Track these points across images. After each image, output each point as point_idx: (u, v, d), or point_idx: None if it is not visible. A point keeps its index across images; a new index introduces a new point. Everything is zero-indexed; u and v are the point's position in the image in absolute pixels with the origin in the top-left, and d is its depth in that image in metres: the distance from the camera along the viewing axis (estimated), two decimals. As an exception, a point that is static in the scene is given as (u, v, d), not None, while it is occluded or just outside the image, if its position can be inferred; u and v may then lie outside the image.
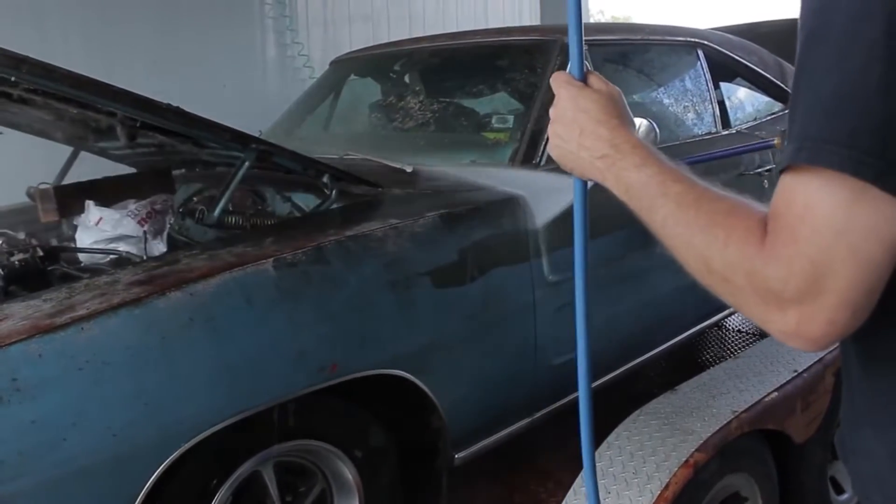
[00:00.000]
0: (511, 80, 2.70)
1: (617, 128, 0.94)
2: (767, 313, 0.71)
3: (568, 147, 0.99)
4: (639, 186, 0.87)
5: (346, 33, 5.39)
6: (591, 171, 0.96)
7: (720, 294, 0.76)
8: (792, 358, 2.62)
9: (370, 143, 2.77)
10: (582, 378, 1.13)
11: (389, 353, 1.85)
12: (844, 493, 2.88)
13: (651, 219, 0.84)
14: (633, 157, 0.90)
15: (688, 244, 0.78)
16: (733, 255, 0.73)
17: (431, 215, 1.97)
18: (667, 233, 0.82)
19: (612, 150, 0.92)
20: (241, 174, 1.92)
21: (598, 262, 2.43)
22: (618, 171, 0.90)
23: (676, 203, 0.81)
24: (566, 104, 0.99)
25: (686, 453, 2.07)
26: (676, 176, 0.84)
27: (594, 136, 0.95)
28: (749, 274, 0.71)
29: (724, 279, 0.74)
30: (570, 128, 0.98)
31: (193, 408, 1.51)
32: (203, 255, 1.71)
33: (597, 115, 0.96)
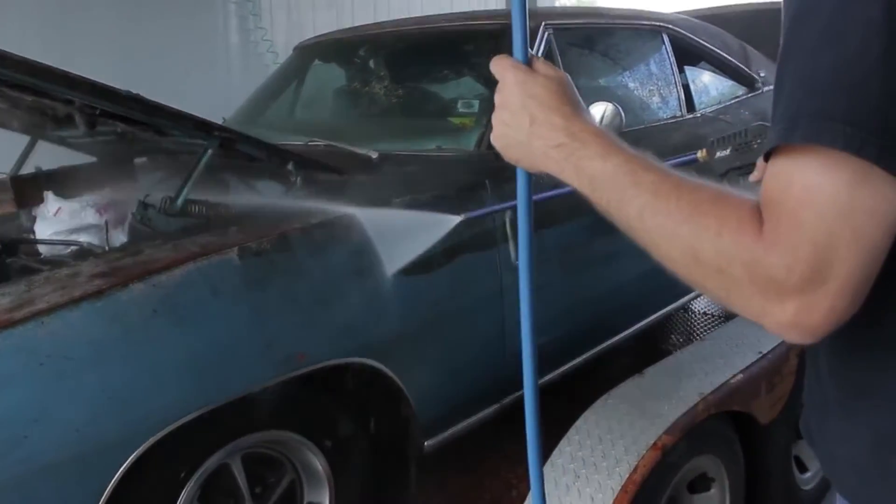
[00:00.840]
0: (477, 65, 2.68)
1: (571, 115, 0.87)
2: (765, 304, 0.68)
3: (516, 136, 0.90)
4: (605, 177, 0.80)
5: (310, 19, 5.33)
6: (543, 162, 0.88)
7: (708, 287, 0.72)
8: (756, 339, 2.65)
9: (335, 130, 2.74)
10: (527, 373, 1.07)
11: (357, 341, 1.84)
12: (808, 471, 2.94)
13: (622, 211, 0.78)
14: (594, 146, 0.82)
15: (671, 236, 0.73)
16: (728, 245, 0.68)
17: (397, 202, 1.96)
18: (643, 225, 0.76)
19: (569, 138, 0.84)
20: (203, 162, 1.88)
21: (563, 247, 2.45)
22: (577, 160, 0.83)
23: (652, 193, 0.75)
24: (513, 90, 0.90)
25: (654, 436, 2.09)
26: (646, 164, 0.78)
27: (547, 125, 0.86)
28: (748, 264, 0.67)
29: (718, 270, 0.69)
30: (518, 115, 0.89)
31: (159, 401, 1.49)
32: (166, 245, 1.68)
33: (548, 102, 0.88)
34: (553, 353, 2.49)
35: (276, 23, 5.08)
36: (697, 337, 3.26)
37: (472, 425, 2.28)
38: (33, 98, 1.80)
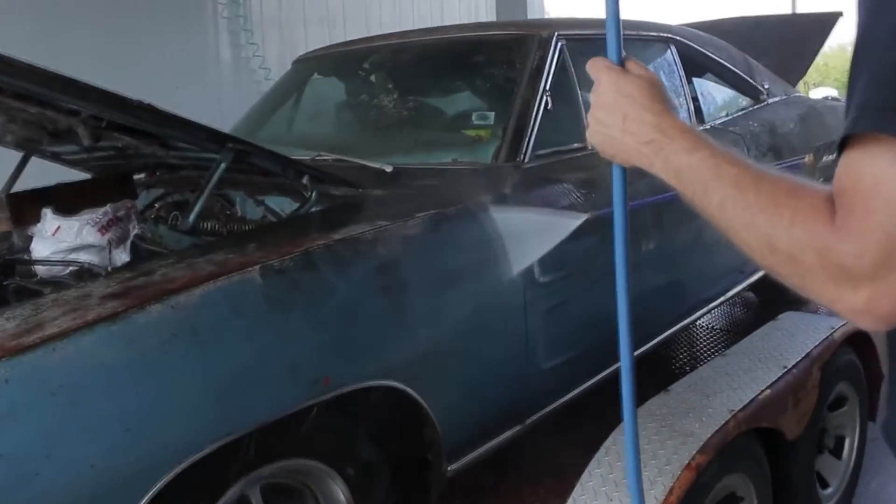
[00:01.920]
0: (489, 76, 2.62)
1: (662, 113, 0.93)
2: (838, 291, 0.70)
3: (610, 133, 0.97)
4: (690, 170, 0.86)
5: (301, 34, 5.25)
6: (635, 157, 0.95)
7: (783, 274, 0.75)
8: (779, 354, 2.59)
9: (341, 144, 2.65)
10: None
11: (383, 362, 1.74)
12: (829, 486, 2.87)
13: (706, 202, 0.83)
14: (682, 141, 0.88)
15: (748, 225, 0.77)
16: (801, 234, 0.72)
17: (421, 216, 1.87)
18: (725, 215, 0.80)
19: (660, 134, 0.91)
20: (217, 176, 1.79)
21: (584, 260, 2.37)
22: (666, 155, 0.89)
23: (733, 185, 0.80)
24: (608, 89, 0.97)
25: (687, 456, 2.01)
26: (729, 158, 0.83)
27: (639, 122, 0.93)
28: (820, 251, 0.70)
29: (791, 258, 0.73)
30: (612, 113, 0.96)
31: (179, 431, 1.39)
32: (181, 263, 1.58)
33: (641, 101, 0.94)
34: (575, 370, 2.41)
35: (268, 39, 5.00)
36: (701, 353, 3.19)
37: (495, 448, 2.19)
38: (36, 109, 1.70)
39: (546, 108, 2.43)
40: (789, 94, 3.96)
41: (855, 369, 2.89)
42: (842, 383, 2.81)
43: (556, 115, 2.47)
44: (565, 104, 2.55)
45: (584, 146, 2.53)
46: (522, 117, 2.37)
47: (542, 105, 2.42)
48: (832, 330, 2.75)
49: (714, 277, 3.11)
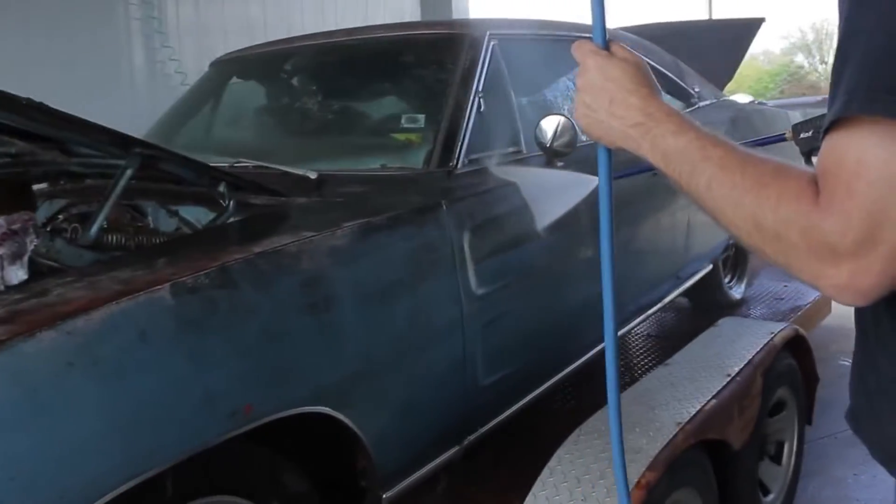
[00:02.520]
0: (418, 77, 2.49)
1: (648, 96, 0.96)
2: (821, 268, 0.74)
3: (597, 116, 0.99)
4: (677, 152, 0.89)
5: (220, 39, 5.03)
6: (622, 140, 0.97)
7: (768, 252, 0.79)
8: (722, 361, 2.54)
9: (263, 150, 2.48)
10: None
11: (310, 387, 1.59)
12: (770, 493, 2.84)
13: (693, 183, 0.86)
14: (668, 124, 0.91)
15: (735, 205, 0.80)
16: (787, 213, 0.75)
17: (349, 226, 1.73)
18: (711, 195, 0.84)
19: (646, 118, 0.93)
20: (122, 184, 1.62)
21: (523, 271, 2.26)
22: (653, 138, 0.92)
23: (720, 166, 0.83)
24: (594, 73, 0.99)
25: (637, 474, 1.92)
26: (714, 140, 0.87)
27: (625, 105, 0.96)
28: (804, 230, 0.74)
29: (776, 237, 0.77)
30: (599, 97, 0.98)
31: (80, 476, 1.21)
32: (80, 282, 1.39)
33: (626, 84, 0.97)
34: (515, 386, 2.30)
35: (184, 43, 4.77)
36: (641, 363, 3.13)
37: (433, 471, 2.05)
38: None
39: (479, 111, 2.32)
40: (718, 97, 3.97)
41: (793, 374, 2.88)
42: (781, 388, 2.78)
43: (490, 117, 2.37)
44: (498, 107, 2.45)
45: (518, 150, 2.44)
46: (455, 120, 2.25)
47: (475, 107, 2.31)
48: (772, 335, 2.72)
49: (653, 284, 3.05)
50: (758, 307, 3.92)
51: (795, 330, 2.87)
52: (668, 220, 3.02)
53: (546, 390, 2.46)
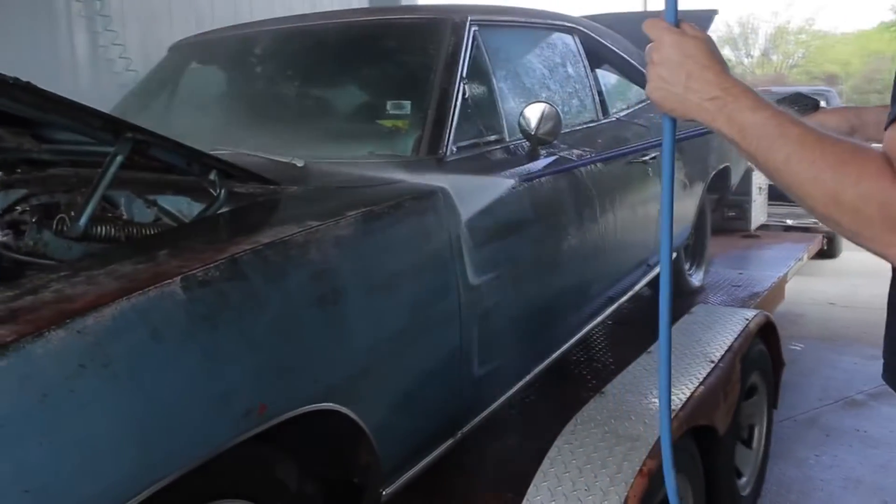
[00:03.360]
0: (400, 63, 2.43)
1: (722, 72, 1.00)
2: (893, 238, 0.82)
3: (673, 90, 1.02)
4: (755, 127, 0.93)
5: (166, 24, 4.83)
6: (697, 112, 1.01)
7: (843, 222, 0.86)
8: (703, 348, 2.56)
9: (238, 138, 2.37)
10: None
11: (322, 383, 1.52)
12: (743, 476, 2.89)
13: (770, 157, 0.92)
14: (745, 99, 0.96)
15: (814, 179, 0.87)
16: (867, 189, 0.82)
17: (353, 214, 1.66)
18: (790, 169, 0.89)
19: (723, 92, 0.98)
20: (113, 171, 1.51)
21: (516, 259, 2.23)
22: (730, 112, 0.96)
23: (799, 143, 0.89)
24: (671, 49, 1.02)
25: (638, 461, 1.91)
26: (791, 119, 0.92)
27: (702, 80, 1.00)
28: (883, 205, 0.81)
29: (855, 210, 0.83)
30: (676, 71, 1.02)
31: (94, 486, 1.12)
32: (77, 277, 1.29)
33: (703, 60, 1.01)
34: (507, 376, 2.27)
35: (128, 26, 4.56)
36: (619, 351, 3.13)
37: (428, 465, 2.01)
38: None
39: (464, 98, 2.27)
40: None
41: (764, 359, 2.93)
42: (754, 374, 2.82)
43: (474, 104, 2.32)
44: (481, 94, 2.41)
45: (501, 139, 2.40)
46: (442, 107, 2.20)
47: (461, 94, 2.26)
48: (747, 321, 2.76)
49: (628, 271, 3.06)
50: (717, 294, 3.98)
51: (766, 316, 2.92)
52: (642, 210, 3.03)
53: (534, 378, 2.43)
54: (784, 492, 3.14)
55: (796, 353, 4.72)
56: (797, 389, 4.14)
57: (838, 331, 5.31)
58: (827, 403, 4.04)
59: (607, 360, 2.91)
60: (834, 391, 4.20)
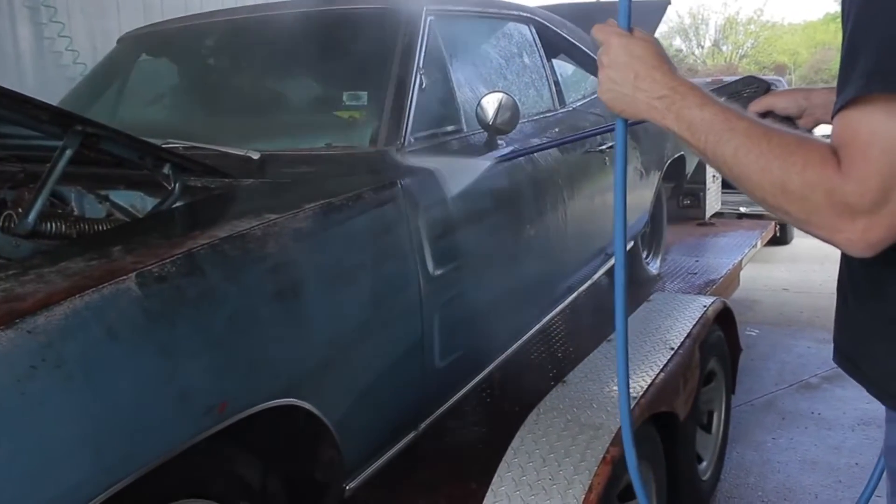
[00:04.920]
0: (354, 53, 2.39)
1: (669, 72, 1.04)
2: (840, 224, 0.85)
3: (622, 90, 1.06)
4: (703, 123, 0.97)
5: (113, 15, 4.71)
6: (646, 112, 1.05)
7: (791, 211, 0.89)
8: (663, 335, 2.58)
9: (190, 131, 2.32)
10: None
11: (283, 378, 1.50)
12: (703, 461, 2.93)
13: (718, 150, 0.95)
14: (692, 97, 0.99)
15: (762, 170, 0.90)
16: (812, 177, 0.86)
17: (311, 207, 1.64)
18: (738, 162, 0.93)
19: (670, 91, 1.01)
20: (62, 165, 1.46)
21: (475, 250, 2.22)
22: (678, 109, 1.00)
23: (746, 136, 0.92)
24: (619, 51, 1.06)
25: (601, 449, 1.92)
26: (737, 114, 0.96)
27: (650, 80, 1.03)
28: (828, 192, 0.85)
29: (802, 197, 0.87)
30: (624, 72, 1.05)
31: (48, 491, 1.08)
32: (26, 275, 1.25)
33: (650, 61, 1.05)
34: (467, 367, 2.26)
35: (73, 18, 4.44)
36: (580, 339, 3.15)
37: (390, 459, 1.99)
38: None
39: (421, 88, 2.25)
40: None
41: (722, 345, 2.97)
42: (712, 360, 2.86)
43: (431, 95, 2.30)
44: (438, 85, 2.39)
45: (459, 129, 2.39)
46: (399, 98, 2.18)
47: (417, 84, 2.24)
48: (705, 308, 2.79)
49: (587, 260, 3.08)
50: (674, 282, 4.03)
51: (724, 303, 2.96)
52: (600, 199, 3.05)
53: (496, 368, 2.43)
54: (743, 475, 3.19)
55: (752, 339, 4.80)
56: (754, 374, 4.21)
57: (792, 316, 5.42)
58: (783, 387, 4.12)
59: (568, 350, 2.92)
60: (789, 375, 4.28)
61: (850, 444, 3.42)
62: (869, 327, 1.08)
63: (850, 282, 1.12)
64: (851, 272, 1.11)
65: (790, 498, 3.02)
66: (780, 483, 3.12)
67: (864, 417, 3.63)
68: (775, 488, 3.08)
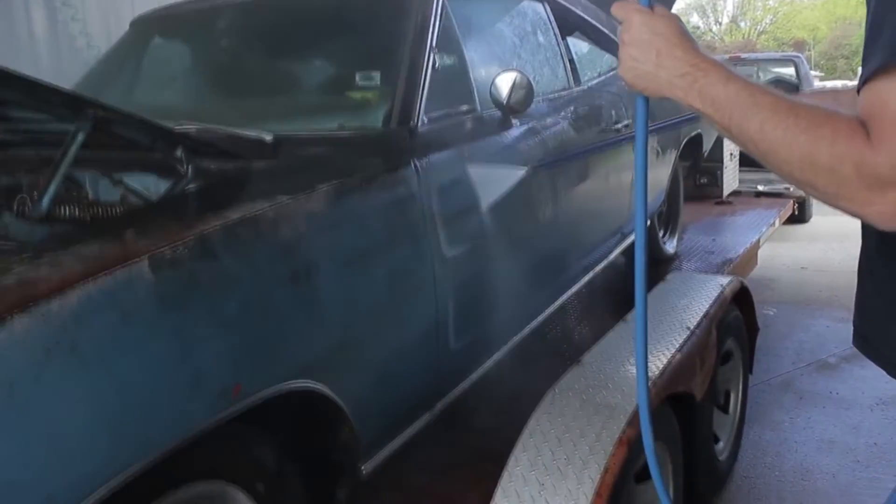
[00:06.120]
0: (367, 32, 2.37)
1: (691, 49, 1.02)
2: (871, 196, 0.83)
3: (644, 68, 1.04)
4: (727, 99, 0.95)
5: None
6: (668, 90, 1.03)
7: (819, 184, 0.87)
8: (679, 315, 2.56)
9: (203, 113, 2.32)
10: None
11: (297, 361, 1.50)
12: (720, 441, 2.91)
13: (744, 126, 0.93)
14: (715, 73, 0.98)
15: (790, 143, 0.88)
16: (842, 150, 0.84)
17: (324, 188, 1.63)
18: (764, 137, 0.91)
19: (692, 68, 1.00)
20: (74, 149, 1.46)
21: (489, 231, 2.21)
22: (701, 87, 0.98)
23: (772, 110, 0.91)
24: (641, 28, 1.04)
25: (617, 430, 1.91)
26: (760, 88, 0.94)
27: (672, 57, 1.02)
28: (857, 164, 0.82)
29: (831, 170, 0.85)
30: (645, 50, 1.04)
31: (64, 475, 1.09)
32: (40, 259, 1.25)
33: (672, 38, 1.03)
34: (482, 348, 2.26)
35: (87, 1, 4.44)
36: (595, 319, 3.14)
37: (406, 440, 2.00)
38: None
39: (434, 68, 2.23)
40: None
41: (739, 325, 2.95)
42: (729, 339, 2.84)
43: (444, 74, 2.28)
44: (452, 64, 2.37)
45: (473, 109, 2.37)
46: (412, 77, 2.15)
47: (431, 64, 2.22)
48: (722, 288, 2.77)
49: (602, 239, 3.06)
50: (691, 261, 4.00)
51: (741, 282, 2.93)
52: (615, 178, 3.02)
53: (511, 349, 2.43)
54: (760, 455, 3.18)
55: (770, 318, 4.77)
56: (771, 353, 4.19)
57: (811, 294, 5.37)
58: (800, 367, 4.09)
59: (583, 330, 2.91)
60: (807, 354, 4.25)
61: (869, 424, 3.39)
62: (887, 310, 1.07)
63: (867, 264, 1.11)
64: (869, 255, 1.10)
65: (807, 478, 3.00)
66: (798, 463, 3.10)
67: (882, 397, 3.60)
68: (793, 468, 3.07)
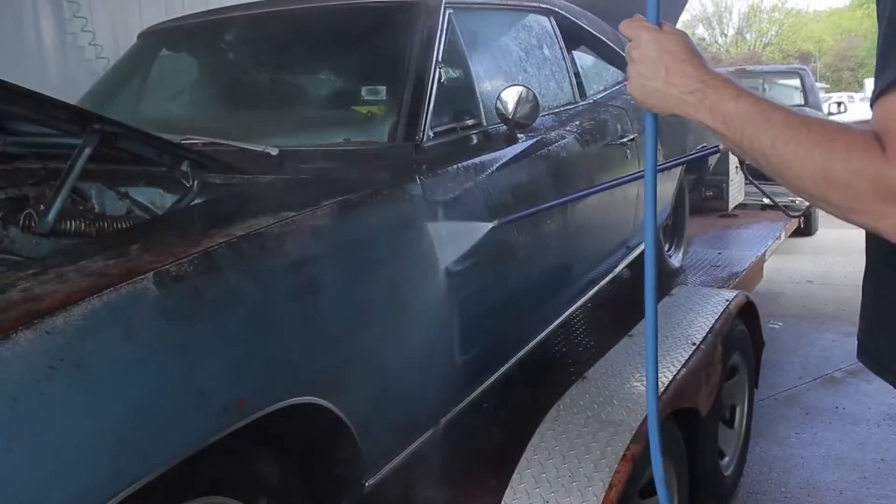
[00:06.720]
0: (374, 47, 2.38)
1: (700, 66, 1.02)
2: (885, 210, 0.83)
3: (653, 85, 1.03)
4: (738, 115, 0.95)
5: (135, 10, 4.73)
6: (678, 107, 1.02)
7: (833, 199, 0.87)
8: (684, 330, 2.56)
9: (210, 126, 2.33)
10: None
11: (302, 377, 1.50)
12: (725, 456, 2.90)
13: (755, 141, 0.93)
14: (725, 89, 0.97)
15: (803, 159, 0.87)
16: (857, 164, 0.83)
17: (329, 204, 1.63)
18: (777, 152, 0.90)
19: (702, 84, 0.99)
20: (81, 164, 1.47)
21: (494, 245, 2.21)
22: (712, 103, 0.98)
23: (784, 125, 0.90)
24: (650, 45, 1.04)
25: (622, 447, 1.91)
26: (771, 104, 0.94)
27: (681, 74, 1.01)
28: (873, 178, 0.82)
29: (845, 185, 0.85)
30: (654, 67, 1.03)
31: (67, 491, 1.09)
32: (45, 275, 1.26)
33: (681, 55, 1.02)
34: (487, 363, 2.25)
35: (96, 12, 4.46)
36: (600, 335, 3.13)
37: (411, 455, 1.99)
38: None
39: (440, 82, 2.23)
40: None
41: (745, 340, 2.94)
42: (735, 354, 2.83)
43: (450, 89, 2.29)
44: (458, 78, 2.38)
45: (479, 123, 2.37)
46: (417, 92, 2.16)
47: (436, 78, 2.22)
48: (728, 302, 2.76)
49: (608, 253, 3.05)
50: (697, 275, 3.99)
51: (746, 297, 2.93)
52: (621, 192, 3.02)
53: (516, 364, 2.42)
54: (766, 470, 3.16)
55: (776, 332, 4.75)
56: (777, 368, 4.17)
57: (816, 308, 5.35)
58: (806, 381, 4.07)
59: (588, 345, 2.90)
60: (813, 369, 4.23)
61: (875, 440, 3.38)
62: (892, 325, 1.06)
63: (872, 278, 1.11)
64: (874, 269, 1.10)
65: (814, 494, 2.98)
66: (804, 479, 3.09)
67: (889, 412, 3.58)
68: (799, 484, 3.05)
